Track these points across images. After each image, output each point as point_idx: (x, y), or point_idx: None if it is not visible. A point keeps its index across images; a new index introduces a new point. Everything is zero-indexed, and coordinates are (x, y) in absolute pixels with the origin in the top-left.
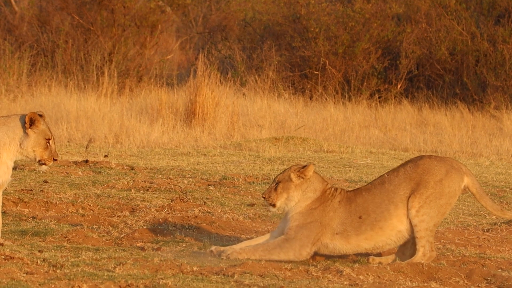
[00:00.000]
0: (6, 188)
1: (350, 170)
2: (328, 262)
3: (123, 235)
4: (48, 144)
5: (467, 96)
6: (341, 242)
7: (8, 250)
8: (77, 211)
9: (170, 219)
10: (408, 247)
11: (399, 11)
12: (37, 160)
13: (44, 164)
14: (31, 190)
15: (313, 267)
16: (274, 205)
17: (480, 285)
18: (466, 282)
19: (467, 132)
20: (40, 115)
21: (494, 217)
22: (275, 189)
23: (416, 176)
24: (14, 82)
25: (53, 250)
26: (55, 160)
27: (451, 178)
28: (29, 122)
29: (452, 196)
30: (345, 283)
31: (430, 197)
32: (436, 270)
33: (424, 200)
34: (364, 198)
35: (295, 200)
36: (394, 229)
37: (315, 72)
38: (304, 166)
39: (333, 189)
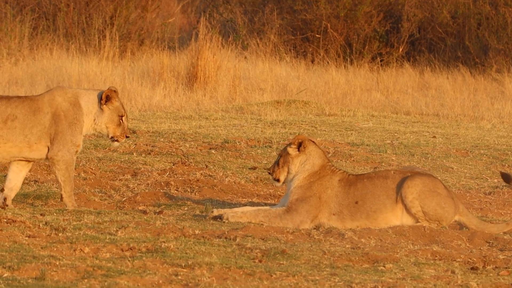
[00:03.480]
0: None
1: (352, 134)
2: None
3: (125, 198)
4: (121, 121)
5: (469, 59)
6: (337, 224)
7: (10, 213)
8: (79, 174)
9: (172, 182)
10: None
11: None
12: (109, 136)
13: (117, 140)
14: None
15: (315, 230)
16: (278, 180)
17: (481, 248)
18: (468, 245)
19: (469, 96)
20: (114, 91)
21: (496, 180)
22: (278, 163)
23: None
24: (16, 45)
25: (55, 214)
26: (127, 137)
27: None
28: (105, 98)
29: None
30: (347, 246)
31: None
32: (438, 233)
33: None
34: (364, 185)
35: (293, 172)
36: (388, 223)
37: (317, 35)
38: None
39: (333, 166)
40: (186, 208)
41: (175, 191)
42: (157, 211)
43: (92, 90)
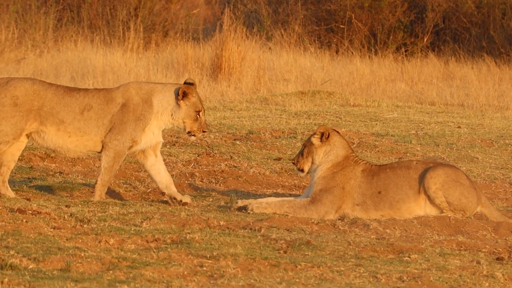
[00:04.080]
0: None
1: (376, 124)
2: None
3: (149, 189)
4: (198, 116)
5: (493, 49)
6: (361, 214)
7: (35, 205)
8: None
9: (197, 173)
10: None
11: None
12: (186, 131)
13: (193, 135)
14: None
15: (340, 221)
16: (302, 170)
17: (507, 239)
18: (493, 235)
19: (494, 85)
20: (191, 84)
21: None
22: (302, 154)
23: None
24: (40, 37)
25: (80, 205)
26: (204, 132)
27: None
28: (182, 94)
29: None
30: (372, 236)
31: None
32: (463, 224)
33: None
34: (387, 175)
35: (317, 163)
36: (412, 213)
37: (341, 26)
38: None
39: (357, 157)
40: (211, 199)
41: (200, 182)
42: (182, 202)
43: (169, 85)
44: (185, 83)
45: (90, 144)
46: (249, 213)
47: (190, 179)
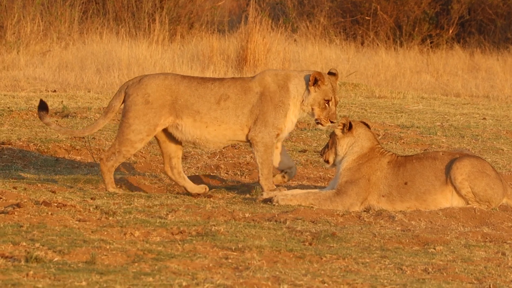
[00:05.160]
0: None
1: (402, 116)
2: None
3: (175, 182)
4: (326, 104)
5: None
6: (387, 206)
7: (60, 197)
8: (129, 158)
9: (222, 165)
10: None
11: None
12: (314, 118)
13: (320, 123)
14: (83, 137)
15: (365, 213)
16: (327, 162)
17: None
18: None
19: None
20: (333, 74)
21: None
22: (328, 145)
23: None
24: (66, 29)
25: (105, 198)
26: (332, 122)
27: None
28: (313, 80)
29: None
30: (397, 228)
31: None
32: (488, 215)
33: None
34: (414, 166)
35: (341, 154)
36: (438, 205)
37: (367, 17)
38: (350, 124)
39: (383, 149)
40: (236, 191)
41: (225, 174)
42: (208, 194)
43: (304, 71)
44: (329, 73)
45: (229, 133)
46: (274, 205)
47: (215, 171)
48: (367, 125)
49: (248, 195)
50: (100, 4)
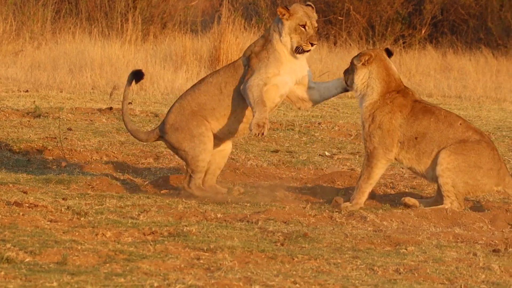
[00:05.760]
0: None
1: None
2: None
3: (147, 182)
4: (303, 29)
5: (491, 41)
6: (403, 154)
7: (32, 198)
8: (101, 158)
9: None
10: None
11: None
12: (294, 48)
13: (302, 49)
14: (55, 137)
15: (337, 213)
16: (347, 85)
17: (503, 231)
18: (490, 227)
19: (491, 77)
20: (309, 5)
21: None
22: (348, 69)
23: None
24: (38, 29)
25: (77, 198)
26: (312, 44)
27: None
28: (281, 11)
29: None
30: (369, 229)
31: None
32: (460, 216)
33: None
34: (428, 123)
35: (357, 84)
36: (429, 167)
37: (339, 17)
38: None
39: (396, 94)
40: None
41: None
42: (179, 194)
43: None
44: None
45: (248, 113)
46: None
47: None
48: (389, 52)
49: (220, 195)
50: (73, 4)
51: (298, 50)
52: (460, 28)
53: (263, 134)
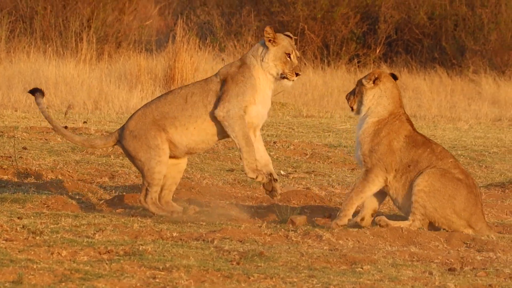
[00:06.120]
0: None
1: (329, 135)
2: (308, 227)
3: (102, 201)
4: (288, 58)
5: (445, 61)
6: (393, 182)
7: None
8: (56, 177)
9: None
10: None
11: None
12: (279, 74)
13: (286, 78)
14: (10, 156)
15: (292, 232)
16: (352, 108)
17: (459, 249)
18: (445, 246)
19: (446, 97)
20: (288, 36)
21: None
22: (354, 91)
23: None
24: None
25: (32, 217)
26: (297, 75)
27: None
28: (268, 38)
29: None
30: (325, 247)
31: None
32: (416, 235)
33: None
34: (424, 152)
35: (367, 106)
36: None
37: (294, 37)
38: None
39: (404, 117)
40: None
41: None
42: (135, 213)
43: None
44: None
45: (207, 127)
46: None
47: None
48: (395, 77)
49: (175, 214)
50: (27, 23)
51: (281, 76)
52: (414, 48)
53: (274, 195)
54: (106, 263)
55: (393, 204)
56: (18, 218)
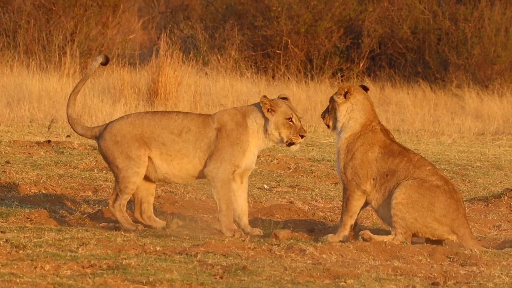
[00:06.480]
0: None
1: (313, 149)
2: (292, 241)
3: (85, 215)
4: (290, 123)
5: (429, 75)
6: (373, 193)
7: None
8: (39, 191)
9: (133, 199)
10: None
11: None
12: (285, 141)
13: (292, 143)
14: None
15: (276, 246)
16: (328, 126)
17: (442, 263)
18: (428, 260)
19: (429, 111)
20: (285, 98)
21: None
22: (328, 109)
23: None
24: None
25: (15, 231)
26: (302, 136)
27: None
28: (265, 107)
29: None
30: (308, 262)
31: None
32: (399, 249)
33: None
34: (401, 161)
35: (341, 121)
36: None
37: (278, 51)
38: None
39: (378, 127)
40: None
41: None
42: (118, 227)
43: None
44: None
45: (190, 168)
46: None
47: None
48: (365, 88)
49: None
50: (11, 37)
51: (288, 143)
52: (398, 62)
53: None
54: (90, 277)
55: (376, 217)
56: (1, 232)
